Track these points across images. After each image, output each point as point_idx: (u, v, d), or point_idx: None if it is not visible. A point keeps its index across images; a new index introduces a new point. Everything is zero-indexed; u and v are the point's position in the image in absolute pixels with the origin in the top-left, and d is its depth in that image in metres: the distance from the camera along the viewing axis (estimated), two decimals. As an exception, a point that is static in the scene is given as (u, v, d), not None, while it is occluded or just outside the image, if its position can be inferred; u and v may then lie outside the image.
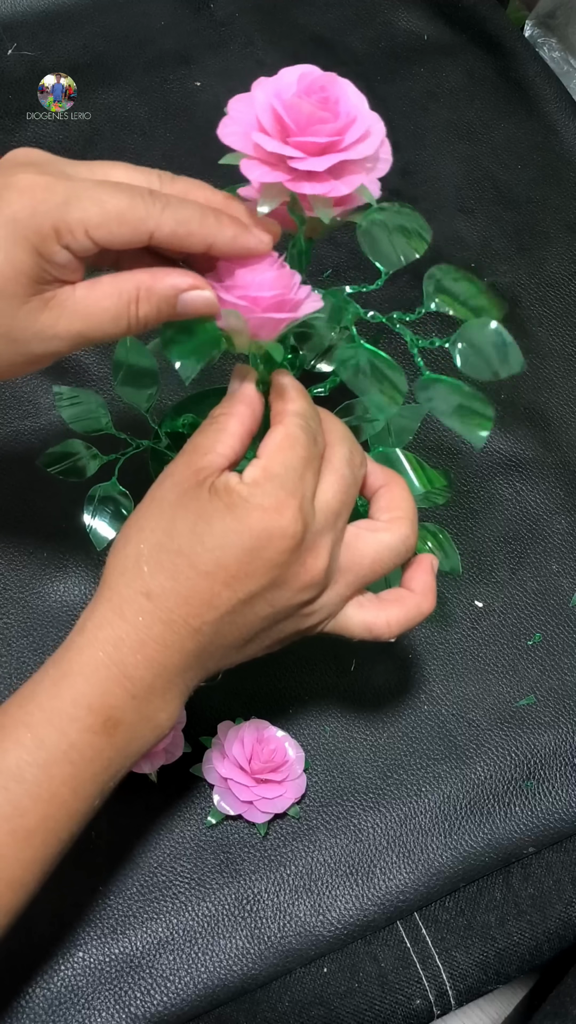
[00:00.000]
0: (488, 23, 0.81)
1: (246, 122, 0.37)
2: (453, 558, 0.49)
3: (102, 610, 0.37)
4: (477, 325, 0.40)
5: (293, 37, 0.78)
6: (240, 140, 0.37)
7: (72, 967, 0.46)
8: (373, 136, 0.37)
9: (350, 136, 0.36)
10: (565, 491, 0.61)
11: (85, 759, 0.36)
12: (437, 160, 0.74)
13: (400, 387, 0.42)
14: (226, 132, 0.37)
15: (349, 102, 0.37)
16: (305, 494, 0.38)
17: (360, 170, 0.37)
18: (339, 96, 0.37)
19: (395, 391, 0.42)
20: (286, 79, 0.37)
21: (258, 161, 0.37)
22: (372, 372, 0.42)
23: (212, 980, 0.46)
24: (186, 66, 0.76)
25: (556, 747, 0.53)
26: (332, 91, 0.37)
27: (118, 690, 0.36)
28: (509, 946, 0.50)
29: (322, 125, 0.36)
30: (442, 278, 0.41)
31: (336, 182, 0.37)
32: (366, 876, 0.49)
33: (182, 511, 0.37)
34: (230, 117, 0.37)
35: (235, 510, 0.36)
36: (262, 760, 0.48)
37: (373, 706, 0.53)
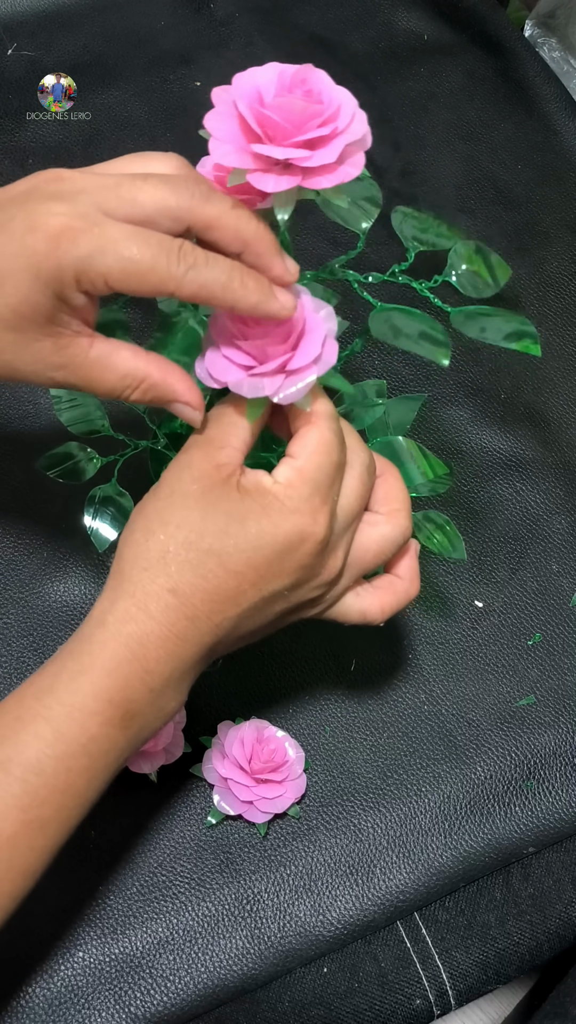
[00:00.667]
0: (488, 23, 0.81)
1: (231, 136, 0.37)
2: (459, 548, 0.50)
3: (125, 604, 0.37)
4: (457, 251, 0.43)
5: (293, 37, 0.78)
6: (235, 156, 0.36)
7: (72, 967, 0.46)
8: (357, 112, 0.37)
9: (343, 119, 0.36)
10: (565, 491, 0.61)
11: (101, 751, 0.37)
12: (437, 160, 0.74)
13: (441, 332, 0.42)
14: (220, 153, 0.36)
15: (327, 88, 0.37)
16: (335, 499, 0.39)
17: (358, 148, 0.37)
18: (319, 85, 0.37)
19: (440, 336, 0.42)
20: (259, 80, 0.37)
21: (262, 172, 0.36)
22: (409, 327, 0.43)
23: (212, 980, 0.46)
24: (186, 66, 0.76)
25: (556, 747, 0.53)
26: (312, 82, 0.37)
27: (138, 684, 0.37)
28: (509, 946, 0.50)
29: (316, 118, 0.36)
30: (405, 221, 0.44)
31: (344, 167, 0.37)
32: (366, 876, 0.49)
33: (211, 509, 0.37)
34: (216, 139, 0.36)
35: (271, 513, 0.37)
36: (262, 760, 0.48)
37: (373, 706, 0.53)
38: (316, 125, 0.36)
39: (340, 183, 0.37)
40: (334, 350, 0.39)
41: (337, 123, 0.36)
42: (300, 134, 0.35)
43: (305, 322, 0.39)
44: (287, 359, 0.38)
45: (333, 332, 0.39)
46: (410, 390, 0.63)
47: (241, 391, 0.38)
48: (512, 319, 0.43)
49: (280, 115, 0.35)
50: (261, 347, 0.38)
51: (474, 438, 0.62)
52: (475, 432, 0.62)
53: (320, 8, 0.80)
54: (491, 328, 0.43)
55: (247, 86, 0.37)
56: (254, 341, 0.38)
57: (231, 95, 0.37)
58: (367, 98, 0.38)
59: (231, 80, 0.37)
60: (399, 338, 0.43)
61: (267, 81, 0.37)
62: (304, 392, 0.39)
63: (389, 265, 0.45)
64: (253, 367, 0.38)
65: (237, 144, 0.36)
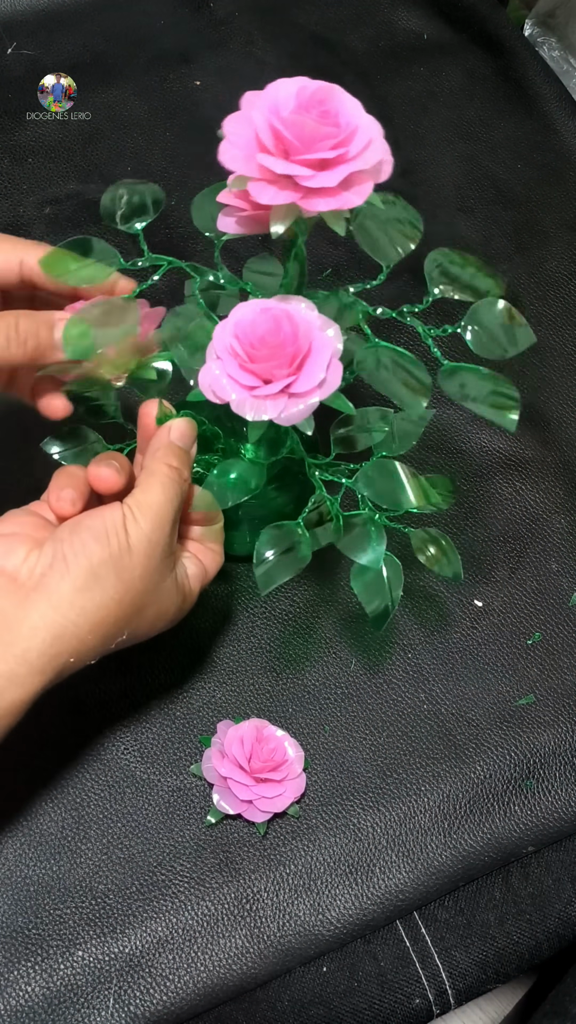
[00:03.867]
0: (488, 22, 0.81)
1: (245, 143, 0.36)
2: (455, 564, 0.49)
3: None
4: (485, 306, 0.41)
5: (293, 36, 0.78)
6: (243, 163, 0.36)
7: (72, 966, 0.46)
8: (376, 142, 0.37)
9: (355, 146, 0.36)
10: (565, 490, 0.61)
11: None
12: (437, 160, 0.74)
13: (424, 380, 0.42)
14: (228, 157, 0.36)
15: (348, 111, 0.37)
16: None
17: (368, 177, 0.37)
18: (338, 107, 0.36)
19: (421, 385, 0.42)
20: (281, 93, 0.37)
21: (265, 183, 0.36)
22: (394, 369, 0.42)
23: (212, 979, 0.46)
24: (186, 65, 0.76)
25: (556, 746, 0.53)
26: (331, 103, 0.36)
27: None
28: (508, 945, 0.50)
29: (327, 140, 0.35)
30: (443, 261, 0.42)
31: (347, 193, 0.36)
32: (365, 875, 0.49)
33: None
34: (229, 141, 0.37)
35: None
36: (261, 759, 0.48)
37: (373, 706, 0.53)
38: (326, 147, 0.35)
39: (339, 209, 0.36)
40: (338, 373, 0.39)
41: (348, 148, 0.36)
42: (306, 152, 0.35)
43: (312, 342, 0.39)
44: (291, 382, 0.38)
45: (339, 353, 0.39)
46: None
47: (243, 412, 0.38)
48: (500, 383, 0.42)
49: (291, 131, 0.35)
50: (266, 368, 0.38)
51: (474, 438, 0.62)
52: (475, 432, 0.62)
53: (320, 7, 0.80)
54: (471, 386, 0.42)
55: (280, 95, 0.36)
56: (259, 363, 0.38)
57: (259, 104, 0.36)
58: (367, 98, 0.38)
59: (232, 79, 0.37)
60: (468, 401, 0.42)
61: (288, 95, 0.37)
62: (306, 414, 0.39)
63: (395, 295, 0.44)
64: (256, 387, 0.38)
65: (247, 151, 0.36)
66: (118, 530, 0.41)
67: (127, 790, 0.50)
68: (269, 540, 0.45)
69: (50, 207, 0.68)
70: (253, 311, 0.39)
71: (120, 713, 0.52)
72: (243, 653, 0.54)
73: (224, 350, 0.39)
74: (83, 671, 0.53)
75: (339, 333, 0.40)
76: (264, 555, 0.45)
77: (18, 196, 0.69)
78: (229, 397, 0.38)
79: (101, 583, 0.40)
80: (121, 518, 0.42)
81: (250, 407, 0.38)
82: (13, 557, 0.41)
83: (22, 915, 0.47)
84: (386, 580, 0.47)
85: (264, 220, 0.41)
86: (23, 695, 0.39)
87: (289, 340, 0.38)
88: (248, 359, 0.38)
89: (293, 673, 0.54)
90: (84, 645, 0.41)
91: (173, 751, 0.51)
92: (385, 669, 0.54)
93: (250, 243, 0.66)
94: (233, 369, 0.38)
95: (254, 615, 0.55)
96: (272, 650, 0.54)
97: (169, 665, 0.53)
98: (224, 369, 0.39)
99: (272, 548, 0.45)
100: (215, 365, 0.39)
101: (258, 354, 0.38)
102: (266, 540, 0.45)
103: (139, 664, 0.53)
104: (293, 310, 0.39)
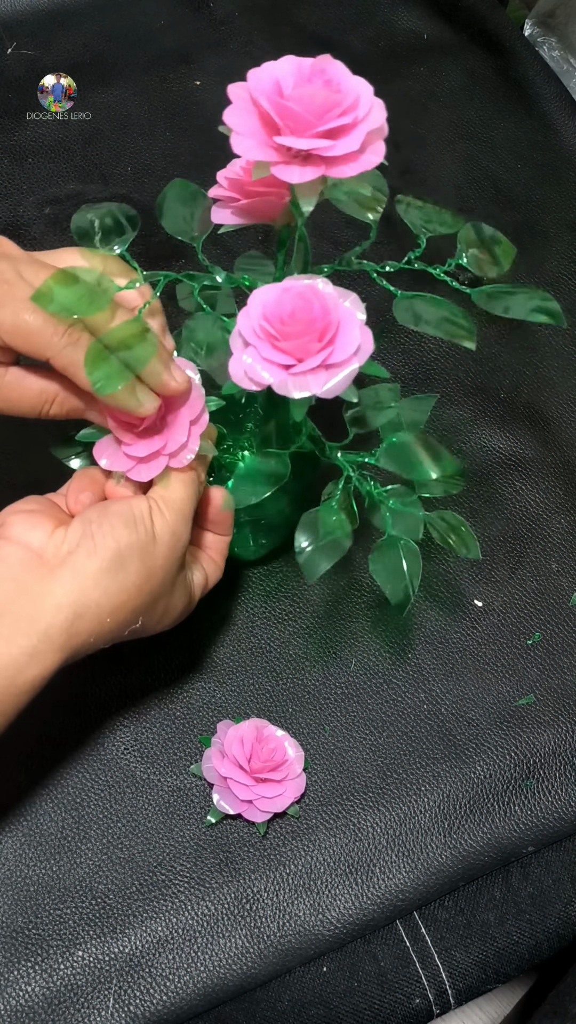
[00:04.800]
0: (488, 22, 0.81)
1: (253, 131, 0.36)
2: (473, 548, 0.50)
3: None
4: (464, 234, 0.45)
5: (293, 36, 0.78)
6: (258, 150, 0.36)
7: (72, 966, 0.46)
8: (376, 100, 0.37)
9: (363, 107, 0.36)
10: (565, 490, 0.61)
11: None
12: (437, 160, 0.74)
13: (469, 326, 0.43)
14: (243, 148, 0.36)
15: (344, 76, 0.37)
16: None
17: (379, 135, 0.37)
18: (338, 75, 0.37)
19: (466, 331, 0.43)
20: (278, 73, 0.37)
21: (286, 164, 0.36)
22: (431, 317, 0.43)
23: (212, 979, 0.46)
24: (186, 65, 0.76)
25: (556, 746, 0.53)
26: (331, 72, 0.37)
27: None
28: (508, 945, 0.50)
29: (337, 107, 0.35)
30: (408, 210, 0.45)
31: (366, 155, 0.37)
32: (365, 875, 0.49)
33: None
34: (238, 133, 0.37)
35: None
36: (261, 759, 0.48)
37: (373, 705, 0.53)
38: (337, 114, 0.35)
39: (363, 171, 0.37)
40: (370, 338, 0.39)
41: (357, 112, 0.36)
42: (321, 124, 0.35)
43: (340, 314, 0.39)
44: (328, 354, 0.38)
45: (363, 319, 0.39)
46: (410, 389, 0.63)
47: (286, 391, 0.38)
48: (535, 294, 0.44)
49: (301, 106, 0.35)
50: (298, 345, 0.38)
51: (474, 438, 0.62)
52: (475, 432, 0.62)
53: (320, 7, 0.80)
54: (515, 305, 0.44)
55: (265, 79, 0.37)
56: (291, 340, 0.38)
57: (248, 90, 0.37)
58: (367, 97, 0.38)
59: (232, 79, 0.37)
60: (421, 324, 0.43)
61: (285, 73, 0.37)
62: (348, 383, 0.39)
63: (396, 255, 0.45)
64: (293, 366, 0.38)
65: (258, 138, 0.36)
66: (145, 518, 0.42)
67: (127, 790, 0.50)
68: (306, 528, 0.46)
69: (50, 207, 0.68)
70: (276, 292, 0.39)
71: (120, 713, 0.52)
72: (243, 653, 0.54)
73: (253, 334, 0.39)
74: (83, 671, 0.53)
75: (358, 301, 0.40)
76: (301, 543, 0.46)
77: (18, 196, 0.69)
78: (268, 381, 0.38)
79: (126, 567, 0.41)
80: (148, 508, 0.43)
81: (293, 384, 0.38)
82: (38, 532, 0.41)
83: (22, 915, 0.47)
84: (405, 564, 0.48)
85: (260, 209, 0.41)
86: (42, 672, 0.40)
87: (320, 314, 0.38)
88: (281, 338, 0.38)
89: (293, 673, 0.54)
90: (103, 627, 0.41)
91: (173, 751, 0.51)
92: (385, 669, 0.54)
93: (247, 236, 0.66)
94: (267, 351, 0.38)
95: (254, 615, 0.55)
96: (272, 650, 0.54)
97: (169, 665, 0.53)
98: (257, 353, 0.39)
99: (309, 536, 0.46)
100: (245, 353, 0.39)
101: (290, 331, 0.38)
102: (304, 528, 0.46)
103: (139, 664, 0.53)
104: (315, 285, 0.40)
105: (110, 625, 0.41)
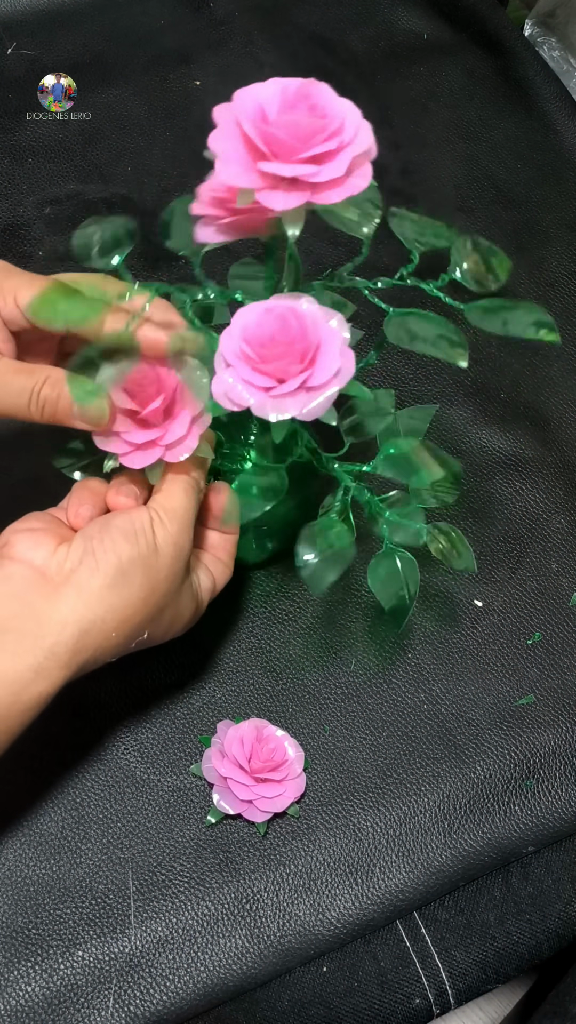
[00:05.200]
0: (488, 22, 0.81)
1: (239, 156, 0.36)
2: (467, 557, 0.50)
3: None
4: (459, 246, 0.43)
5: (293, 36, 0.78)
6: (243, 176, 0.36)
7: (72, 966, 0.46)
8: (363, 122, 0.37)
9: (348, 132, 0.36)
10: (565, 490, 0.61)
11: None
12: (437, 159, 0.74)
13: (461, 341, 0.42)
14: (229, 175, 0.36)
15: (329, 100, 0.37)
16: None
17: (366, 158, 0.37)
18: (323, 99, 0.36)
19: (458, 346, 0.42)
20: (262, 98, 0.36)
21: (271, 189, 0.36)
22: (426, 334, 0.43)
23: (212, 979, 0.46)
24: (186, 65, 0.76)
25: (556, 746, 0.53)
26: (316, 96, 0.36)
27: None
28: (508, 945, 0.50)
29: (322, 132, 0.35)
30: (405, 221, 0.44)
31: (352, 179, 0.37)
32: (365, 875, 0.49)
33: None
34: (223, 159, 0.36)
35: None
36: (261, 759, 0.48)
37: (373, 705, 0.53)
38: (322, 140, 0.35)
39: (349, 196, 0.36)
40: (352, 360, 0.39)
41: (342, 136, 0.36)
42: (306, 150, 0.35)
43: (320, 334, 0.39)
44: (307, 376, 0.38)
45: (347, 341, 0.39)
46: (410, 390, 0.63)
47: (264, 413, 0.38)
48: (532, 310, 0.43)
49: (285, 132, 0.35)
50: (279, 367, 0.38)
51: (474, 438, 0.62)
52: (475, 432, 0.62)
53: (320, 7, 0.80)
54: (513, 321, 0.43)
55: (250, 103, 0.36)
56: (271, 363, 0.38)
57: (233, 113, 0.36)
58: (367, 97, 0.38)
59: (232, 79, 0.37)
60: (415, 342, 0.42)
61: (269, 97, 0.37)
62: (327, 407, 0.39)
63: (391, 267, 0.44)
64: (273, 387, 0.38)
65: (243, 163, 0.36)
66: (146, 531, 0.42)
67: (127, 790, 0.50)
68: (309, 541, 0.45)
69: (50, 207, 0.68)
70: (257, 313, 0.39)
71: (120, 713, 0.52)
72: (243, 653, 0.54)
73: (234, 355, 0.39)
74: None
75: (343, 322, 0.40)
76: (303, 557, 0.45)
77: (18, 196, 0.69)
78: (247, 402, 0.38)
79: (129, 581, 0.41)
80: (149, 520, 0.42)
81: (271, 407, 0.38)
82: (41, 551, 0.42)
83: (22, 915, 0.47)
84: (402, 576, 0.48)
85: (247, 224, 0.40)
86: (48, 688, 0.40)
87: (298, 336, 0.38)
88: (260, 360, 0.38)
89: (293, 673, 0.54)
90: (108, 642, 0.41)
91: (173, 751, 0.51)
92: (385, 669, 0.54)
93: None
94: (247, 373, 0.38)
95: (254, 615, 0.55)
96: (272, 650, 0.54)
97: (169, 665, 0.53)
98: (238, 375, 0.39)
99: (311, 549, 0.45)
100: (227, 373, 0.39)
101: (269, 354, 0.38)
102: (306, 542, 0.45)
103: (139, 664, 0.53)
104: (296, 306, 0.39)
105: (116, 639, 0.41)
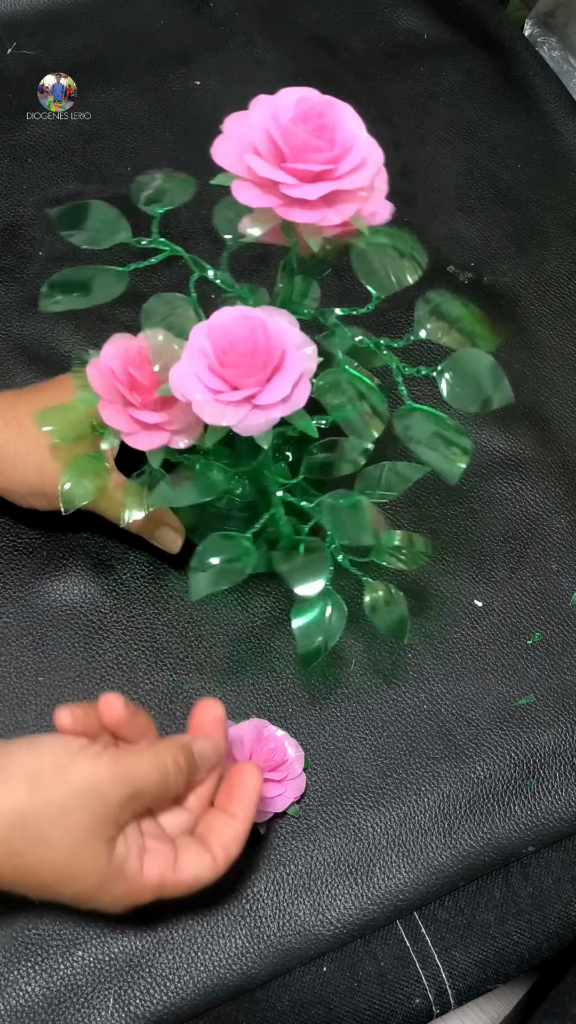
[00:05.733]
0: (488, 22, 0.81)
1: (241, 142, 0.36)
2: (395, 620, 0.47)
3: None
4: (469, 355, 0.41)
5: (293, 36, 0.78)
6: (234, 161, 0.36)
7: (72, 966, 0.46)
8: (368, 165, 0.36)
9: (344, 165, 0.36)
10: (564, 490, 0.61)
11: None
12: (437, 159, 0.74)
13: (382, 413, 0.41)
14: (219, 152, 0.36)
15: (346, 129, 0.36)
16: None
17: (355, 199, 0.37)
18: (336, 123, 0.36)
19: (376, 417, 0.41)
20: (284, 100, 0.37)
21: (250, 184, 0.36)
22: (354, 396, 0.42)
23: (212, 979, 0.46)
24: (186, 65, 0.76)
25: (556, 746, 0.53)
26: (329, 117, 0.36)
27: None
28: (508, 945, 0.50)
29: (317, 153, 0.35)
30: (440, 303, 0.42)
31: (328, 210, 0.36)
32: (365, 875, 0.49)
33: None
34: (225, 136, 0.36)
35: None
36: (262, 759, 0.48)
37: (373, 706, 0.53)
38: (316, 160, 0.35)
39: (316, 224, 0.36)
40: (305, 392, 0.39)
41: (337, 166, 0.36)
42: (299, 163, 0.35)
43: (284, 357, 0.39)
44: (256, 392, 0.38)
45: (310, 373, 0.39)
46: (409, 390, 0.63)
47: (203, 414, 0.38)
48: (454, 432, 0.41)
49: (284, 138, 0.35)
50: (235, 375, 0.38)
51: (474, 438, 0.62)
52: (475, 431, 0.62)
53: (320, 7, 0.80)
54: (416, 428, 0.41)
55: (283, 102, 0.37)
56: (229, 368, 0.38)
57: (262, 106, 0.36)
58: (367, 98, 0.38)
59: (232, 79, 0.37)
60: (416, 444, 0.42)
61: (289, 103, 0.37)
62: (264, 428, 0.38)
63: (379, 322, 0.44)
64: (221, 392, 0.38)
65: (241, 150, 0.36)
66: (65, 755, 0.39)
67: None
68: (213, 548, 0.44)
69: (50, 207, 0.68)
70: (232, 317, 0.39)
71: (120, 713, 0.52)
72: (243, 653, 0.54)
73: (196, 350, 0.39)
74: (84, 672, 0.53)
75: (315, 353, 0.39)
76: (206, 561, 0.44)
77: (18, 196, 0.69)
78: (193, 396, 0.38)
79: None
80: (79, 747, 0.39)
81: (211, 411, 0.38)
82: None
83: (22, 915, 0.47)
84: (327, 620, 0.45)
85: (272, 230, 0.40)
86: None
87: (261, 350, 0.38)
88: (218, 363, 0.38)
89: (293, 673, 0.54)
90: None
91: (173, 751, 0.51)
92: (385, 669, 0.54)
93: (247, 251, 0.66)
94: (201, 370, 0.38)
95: (254, 615, 0.55)
96: (272, 650, 0.54)
97: (169, 665, 0.53)
98: (193, 368, 0.38)
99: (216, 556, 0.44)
100: (187, 363, 0.39)
101: (228, 359, 0.38)
102: (211, 547, 0.44)
103: (139, 664, 0.53)
104: (272, 322, 0.39)
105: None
